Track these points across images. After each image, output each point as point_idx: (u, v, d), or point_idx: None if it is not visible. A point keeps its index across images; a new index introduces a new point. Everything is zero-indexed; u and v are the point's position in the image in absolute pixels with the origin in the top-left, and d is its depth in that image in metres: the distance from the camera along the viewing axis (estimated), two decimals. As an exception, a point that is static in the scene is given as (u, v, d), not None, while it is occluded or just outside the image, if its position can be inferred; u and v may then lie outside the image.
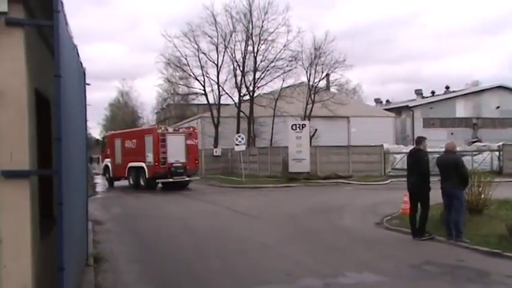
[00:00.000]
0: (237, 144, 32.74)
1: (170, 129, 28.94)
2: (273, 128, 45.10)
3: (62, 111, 4.60)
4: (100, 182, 37.15)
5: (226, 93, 46.78)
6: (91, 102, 9.58)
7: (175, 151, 27.58)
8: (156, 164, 27.28)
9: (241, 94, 45.41)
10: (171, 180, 27.43)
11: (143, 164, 28.04)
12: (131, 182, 29.64)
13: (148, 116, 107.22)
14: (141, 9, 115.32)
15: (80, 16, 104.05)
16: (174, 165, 27.56)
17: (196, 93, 49.79)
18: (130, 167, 29.38)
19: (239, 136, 33.31)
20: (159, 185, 28.53)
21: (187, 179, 28.34)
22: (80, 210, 7.43)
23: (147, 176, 27.86)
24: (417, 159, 11.72)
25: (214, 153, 41.29)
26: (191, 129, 29.87)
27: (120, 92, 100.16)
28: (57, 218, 4.63)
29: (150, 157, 27.62)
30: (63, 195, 4.57)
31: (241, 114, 45.00)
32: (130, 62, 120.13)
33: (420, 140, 12.12)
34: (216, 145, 44.85)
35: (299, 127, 32.02)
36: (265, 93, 46.09)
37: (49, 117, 6.37)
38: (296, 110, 45.11)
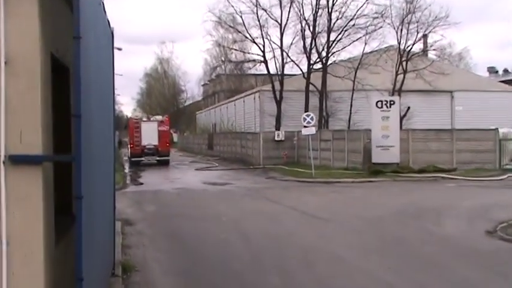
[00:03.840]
0: (305, 126, 32.61)
1: (144, 118, 47.11)
2: (351, 105, 44.73)
3: (82, 82, 4.65)
4: (133, 171, 38.37)
5: (292, 61, 46.89)
6: (123, 72, 9.75)
7: (148, 136, 43.39)
8: (132, 146, 44.46)
9: (311, 62, 45.22)
10: (143, 159, 43.86)
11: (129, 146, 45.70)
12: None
13: (193, 89, 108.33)
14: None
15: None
16: (147, 147, 43.74)
17: (254, 61, 50.00)
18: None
19: (308, 115, 33.16)
20: (145, 160, 43.90)
21: (165, 158, 44.42)
22: (105, 207, 7.58)
23: (129, 156, 45.84)
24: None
25: (276, 138, 41.39)
26: (163, 117, 46.35)
27: (159, 60, 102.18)
28: (76, 215, 4.72)
29: (129, 141, 45.61)
30: (83, 187, 4.63)
31: (311, 87, 44.78)
32: (171, 22, 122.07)
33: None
34: (278, 127, 44.98)
35: (386, 104, 31.52)
36: (342, 61, 45.77)
37: (68, 90, 6.51)
38: (382, 83, 44.50)
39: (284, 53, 46.16)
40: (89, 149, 5.25)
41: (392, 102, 31.79)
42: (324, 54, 44.78)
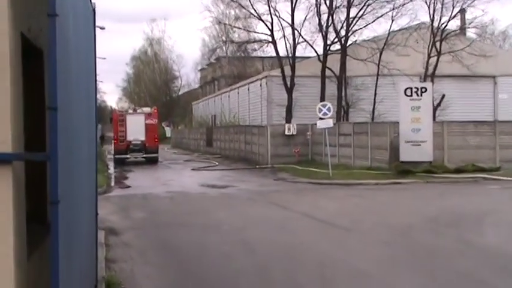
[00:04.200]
0: (320, 118, 32.58)
1: (130, 110, 48.01)
2: (375, 93, 44.70)
3: (59, 67, 4.63)
4: (118, 171, 38.63)
5: (305, 41, 46.94)
6: (106, 55, 9.77)
7: (134, 130, 44.80)
8: (115, 141, 45.91)
9: (328, 42, 45.11)
10: (128, 156, 45.43)
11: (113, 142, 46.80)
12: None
13: (188, 75, 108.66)
14: None
15: None
16: (133, 142, 45.06)
17: (261, 41, 49.96)
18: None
19: (324, 106, 33.13)
20: (131, 158, 45.76)
21: (153, 155, 45.82)
22: (85, 214, 7.58)
23: (113, 153, 47.12)
24: None
25: (286, 132, 41.36)
26: (151, 109, 47.69)
27: (148, 40, 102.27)
28: (52, 223, 4.70)
29: (113, 136, 47.05)
30: (59, 191, 4.61)
31: (328, 72, 44.79)
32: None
33: None
34: (288, 119, 44.92)
35: (417, 92, 31.46)
36: (364, 41, 45.68)
37: (42, 77, 6.50)
38: (412, 66, 44.46)
39: (296, 32, 46.21)
40: (67, 146, 5.25)
41: (424, 90, 31.72)
42: (343, 33, 44.77)
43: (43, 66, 6.44)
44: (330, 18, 44.59)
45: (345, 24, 44.52)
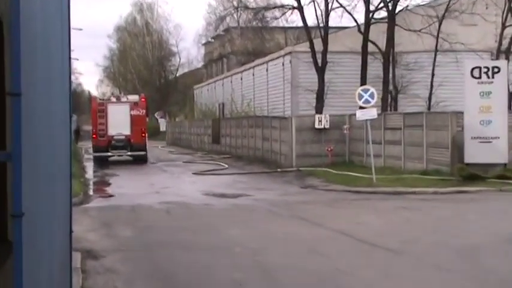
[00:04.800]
0: (361, 107, 32.48)
1: (113, 99, 50.55)
2: (433, 74, 44.46)
3: (23, 41, 4.65)
4: (99, 175, 38.71)
5: (341, 6, 46.77)
6: (84, 26, 9.79)
7: (117, 123, 47.14)
8: (95, 136, 48.08)
9: (372, 8, 45.08)
10: (109, 154, 47.94)
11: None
12: None
13: (189, 51, 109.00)
14: None
15: None
16: (116, 138, 47.42)
17: (283, 7, 49.93)
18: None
19: (365, 91, 33.01)
20: (114, 156, 48.01)
21: (140, 153, 48.13)
22: (56, 230, 7.57)
23: (92, 151, 49.79)
24: None
25: (317, 125, 41.25)
26: (138, 97, 50.72)
27: (137, 6, 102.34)
28: (14, 242, 4.72)
29: (92, 130, 49.22)
30: (24, 201, 4.63)
31: (371, 47, 44.78)
32: None
33: None
34: (319, 108, 44.85)
35: (487, 73, 31.21)
36: (418, 6, 45.43)
37: (1, 53, 6.52)
38: (481, 39, 44.25)
39: (329, -5, 45.98)
40: (33, 142, 5.26)
41: (496, 70, 31.43)
42: (390, -4, 44.53)
43: (2, 40, 6.46)
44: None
45: (393, -16, 44.38)
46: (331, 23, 46.97)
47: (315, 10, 45.98)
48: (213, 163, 47.86)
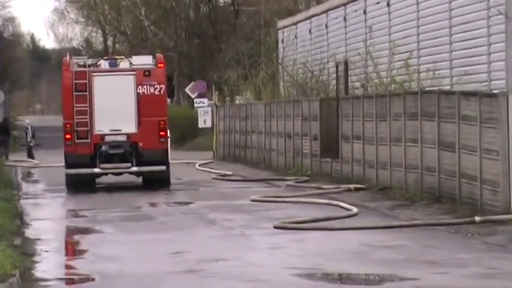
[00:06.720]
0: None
1: (103, 62, 33.90)
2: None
3: None
4: (67, 225, 25.63)
5: None
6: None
7: (111, 110, 31.69)
8: (68, 136, 32.06)
9: None
10: (97, 171, 32.30)
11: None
12: None
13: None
14: None
15: None
16: (109, 139, 31.92)
17: None
18: None
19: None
20: (108, 174, 33.60)
21: (156, 168, 31.84)
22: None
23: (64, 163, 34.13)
24: None
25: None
26: (151, 59, 33.77)
27: None
28: None
29: (63, 123, 33.71)
30: None
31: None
32: None
33: None
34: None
35: None
36: None
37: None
38: None
39: None
40: None
41: None
42: None
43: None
44: None
45: None
46: None
47: None
48: (323, 202, 28.37)
